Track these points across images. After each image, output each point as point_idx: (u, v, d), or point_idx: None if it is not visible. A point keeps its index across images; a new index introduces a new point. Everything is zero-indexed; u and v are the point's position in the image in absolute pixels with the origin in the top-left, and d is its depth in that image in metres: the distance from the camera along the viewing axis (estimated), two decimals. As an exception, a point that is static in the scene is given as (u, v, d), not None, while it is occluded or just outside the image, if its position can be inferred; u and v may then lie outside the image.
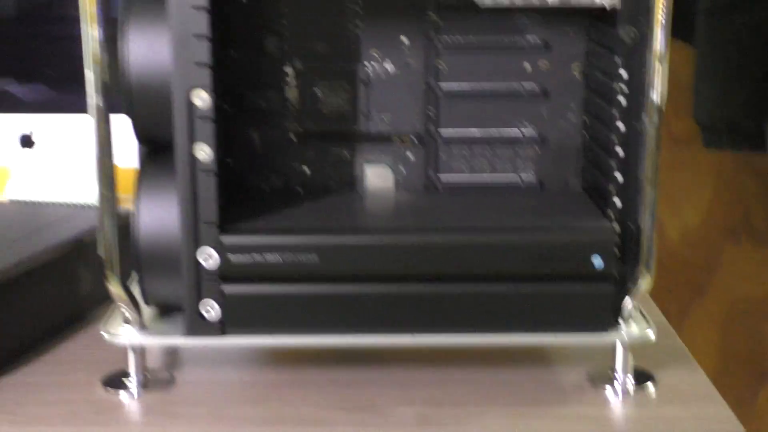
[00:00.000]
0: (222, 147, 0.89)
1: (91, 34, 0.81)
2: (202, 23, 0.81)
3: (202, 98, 0.82)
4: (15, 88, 1.28)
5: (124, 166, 0.93)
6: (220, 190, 0.85)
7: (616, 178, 0.90)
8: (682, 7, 1.30)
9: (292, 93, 0.96)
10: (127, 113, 0.87)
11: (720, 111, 1.31)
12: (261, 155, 0.97)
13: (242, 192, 0.97)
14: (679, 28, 1.30)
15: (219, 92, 0.87)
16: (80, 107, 0.86)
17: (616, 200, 0.90)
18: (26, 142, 1.26)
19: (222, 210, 0.85)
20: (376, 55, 0.96)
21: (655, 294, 1.08)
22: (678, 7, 1.00)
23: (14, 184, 1.25)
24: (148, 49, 0.85)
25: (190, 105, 0.82)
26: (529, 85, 0.97)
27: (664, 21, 0.83)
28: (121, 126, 0.87)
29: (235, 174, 0.97)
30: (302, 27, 0.95)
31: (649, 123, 0.85)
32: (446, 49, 0.96)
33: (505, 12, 0.94)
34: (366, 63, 0.96)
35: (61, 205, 1.14)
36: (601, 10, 0.91)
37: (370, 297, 0.86)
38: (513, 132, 0.98)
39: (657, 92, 0.85)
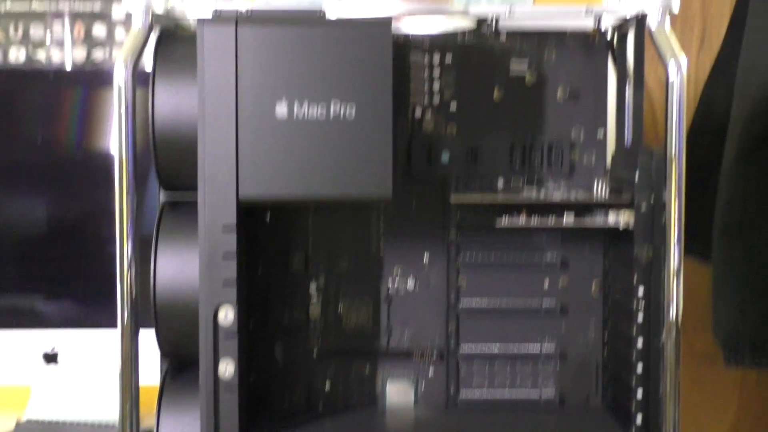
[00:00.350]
0: (245, 363, 0.90)
1: (123, 250, 0.85)
2: (230, 242, 0.84)
3: (227, 315, 0.85)
4: (41, 305, 1.30)
5: (147, 384, 0.94)
6: (242, 407, 0.86)
7: (636, 394, 0.90)
8: (698, 226, 1.33)
9: (315, 310, 0.98)
10: (154, 328, 0.89)
11: (740, 329, 1.31)
12: (283, 371, 0.98)
13: (264, 408, 0.97)
14: (697, 248, 1.32)
15: (244, 309, 0.89)
16: (107, 323, 0.88)
17: (638, 418, 0.90)
18: (50, 358, 1.27)
19: (243, 428, 0.86)
20: (398, 273, 0.99)
21: None
22: (694, 226, 1.04)
23: (35, 402, 1.24)
24: (176, 266, 0.88)
25: (216, 321, 0.85)
26: (549, 302, 0.99)
27: (677, 239, 0.86)
28: (146, 343, 0.89)
29: (257, 389, 0.97)
30: (327, 245, 0.98)
31: (668, 339, 0.86)
32: (466, 267, 0.98)
33: (524, 231, 0.98)
34: (388, 280, 0.98)
35: (81, 425, 1.13)
36: (618, 231, 0.93)
37: None
38: (533, 348, 0.99)
39: (674, 308, 0.86)
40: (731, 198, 1.30)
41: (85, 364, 1.26)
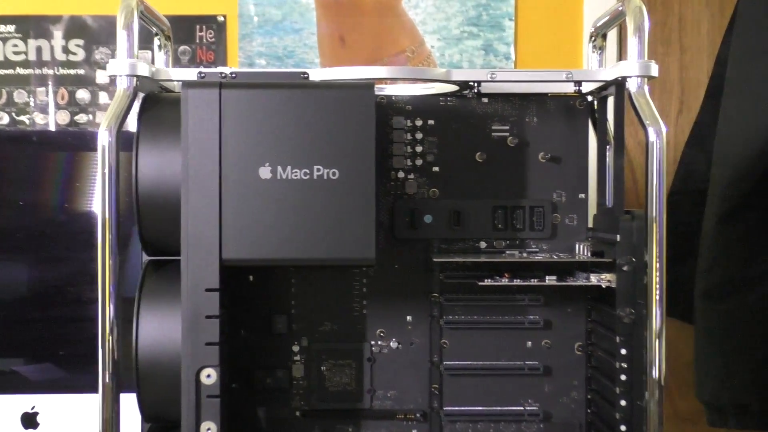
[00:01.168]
0: (228, 425, 0.89)
1: (106, 311, 0.85)
2: (213, 304, 0.85)
3: (210, 377, 0.84)
4: (22, 368, 1.29)
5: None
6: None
7: (621, 457, 0.90)
8: (680, 289, 1.33)
9: (298, 371, 0.98)
10: (136, 391, 0.89)
11: (724, 391, 1.31)
12: (266, 432, 0.98)
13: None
14: (680, 310, 1.33)
15: (227, 370, 0.89)
16: (88, 387, 0.87)
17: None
18: (29, 422, 1.25)
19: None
20: (382, 334, 0.99)
21: None
22: (677, 290, 1.05)
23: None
24: (159, 329, 0.87)
25: (199, 383, 0.84)
26: (532, 363, 0.99)
27: (659, 299, 0.87)
28: (127, 407, 0.89)
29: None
30: (310, 306, 0.98)
31: (651, 399, 0.87)
32: (449, 327, 0.99)
33: (507, 292, 0.98)
34: (372, 341, 0.99)
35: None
36: (600, 291, 0.95)
37: None
38: (516, 409, 0.99)
39: (656, 369, 0.87)
40: (712, 261, 1.30)
41: (66, 429, 1.24)
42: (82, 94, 1.48)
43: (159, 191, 0.88)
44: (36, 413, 1.25)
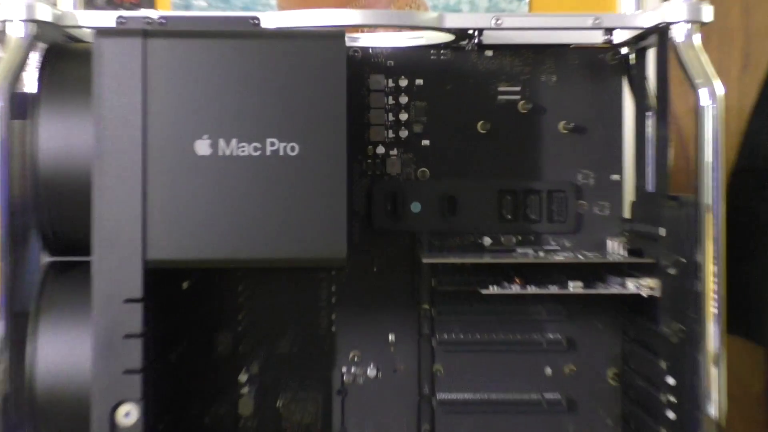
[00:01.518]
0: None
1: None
2: (135, 320, 0.83)
3: (129, 415, 0.83)
4: None
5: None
6: None
7: None
8: (747, 300, 1.33)
9: (246, 407, 0.97)
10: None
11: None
12: (205, 488, 0.97)
13: None
14: (744, 326, 1.32)
15: (153, 406, 0.87)
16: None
17: None
18: None
19: None
20: (356, 359, 0.98)
21: None
22: (742, 300, 1.02)
23: None
24: (62, 353, 0.86)
25: (114, 424, 0.82)
26: (552, 397, 0.98)
27: (717, 313, 0.85)
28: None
29: None
30: (263, 321, 0.97)
31: (707, 447, 0.84)
32: (444, 349, 0.98)
33: (518, 303, 0.98)
34: (343, 368, 0.98)
35: None
36: (639, 301, 0.93)
37: None
38: (529, 452, 0.97)
39: (714, 405, 0.85)
40: None
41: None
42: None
43: (64, 170, 0.86)
44: None
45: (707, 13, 0.89)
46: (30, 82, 0.89)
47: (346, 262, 0.84)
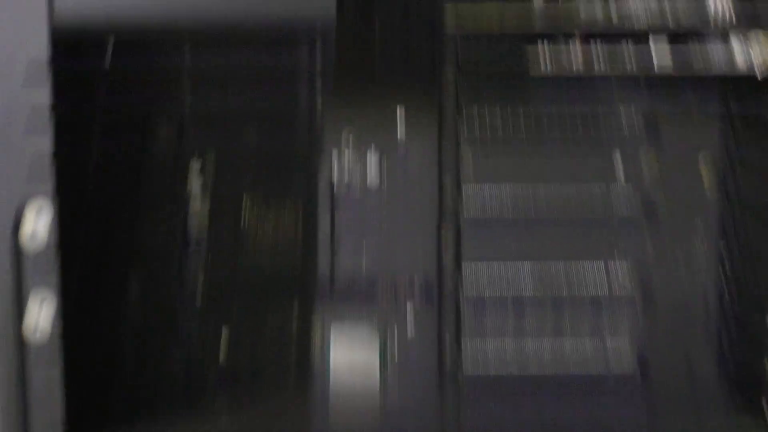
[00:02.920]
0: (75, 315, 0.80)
1: None
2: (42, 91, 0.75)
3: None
4: None
5: None
6: (68, 389, 0.76)
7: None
8: None
9: (198, 221, 0.86)
10: None
11: None
12: (139, 328, 0.89)
13: (112, 391, 0.88)
14: None
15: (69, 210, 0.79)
16: None
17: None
18: None
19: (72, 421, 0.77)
20: (350, 152, 0.86)
21: None
22: None
23: None
24: None
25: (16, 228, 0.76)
26: (622, 200, 0.88)
27: None
28: None
29: (85, 365, 0.85)
30: (218, 107, 0.88)
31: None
32: (473, 139, 0.87)
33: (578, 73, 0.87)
34: (331, 163, 0.88)
35: None
36: (749, 74, 0.84)
37: None
38: (592, 282, 0.87)
39: None
40: None
41: None
42: None
43: None
44: None
45: None
46: None
47: (334, 20, 0.80)
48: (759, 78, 0.83)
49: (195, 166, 0.89)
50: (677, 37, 0.85)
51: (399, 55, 0.91)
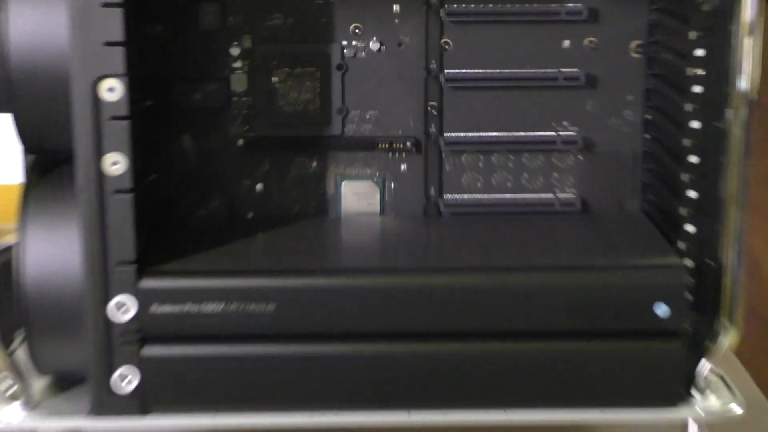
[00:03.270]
0: (143, 158, 0.87)
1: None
2: (113, -15, 0.77)
3: (113, 90, 0.81)
4: None
5: (7, 184, 0.93)
6: (141, 218, 0.83)
7: (689, 196, 0.89)
8: None
9: (239, 83, 0.95)
10: (9, 111, 0.86)
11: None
12: (198, 169, 0.97)
13: (172, 219, 0.96)
14: None
15: (138, 83, 0.85)
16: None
17: (690, 227, 0.89)
18: None
19: (143, 245, 0.85)
20: (357, 31, 0.95)
21: (746, 355, 1.07)
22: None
23: None
24: (35, 24, 0.84)
25: (97, 100, 0.81)
26: (570, 71, 0.96)
27: (754, -24, 0.80)
28: (3, 127, 0.87)
29: (163, 195, 0.96)
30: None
31: (735, 120, 0.84)
32: (453, 20, 0.95)
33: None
34: (343, 41, 0.95)
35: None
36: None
37: (346, 360, 0.85)
38: (546, 135, 0.98)
39: (746, 77, 0.83)
40: None
41: None
42: None
43: None
44: None
45: None
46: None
47: None
48: None
49: (235, 35, 0.95)
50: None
51: None
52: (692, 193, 0.89)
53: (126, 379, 0.85)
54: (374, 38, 0.96)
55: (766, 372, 1.58)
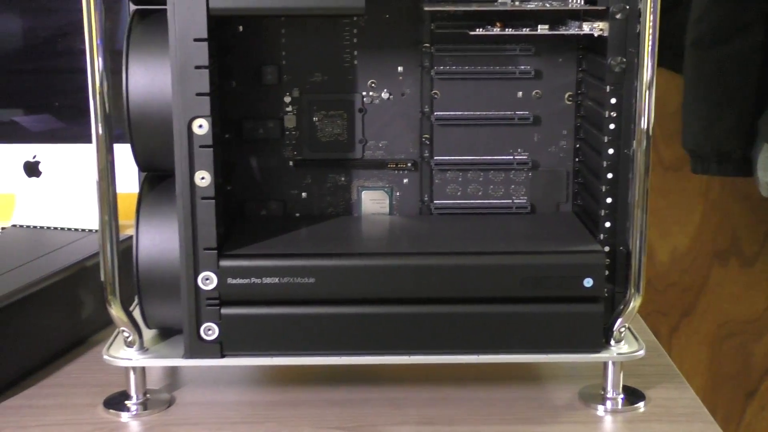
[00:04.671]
0: (222, 174, 0.89)
1: (94, 65, 0.80)
2: (202, 54, 0.80)
3: (202, 126, 0.82)
4: (22, 119, 1.28)
5: (127, 192, 0.93)
6: (220, 216, 0.84)
7: (606, 201, 0.89)
8: (671, 39, 1.32)
9: (290, 121, 0.96)
10: (129, 141, 0.87)
11: (707, 138, 1.32)
12: (260, 182, 0.97)
13: (242, 218, 0.96)
14: (669, 59, 1.32)
15: (219, 121, 0.87)
16: (85, 137, 0.86)
17: (606, 223, 0.89)
18: (32, 170, 1.25)
19: (221, 235, 0.85)
20: (373, 85, 0.96)
21: (646, 314, 1.08)
22: (667, 39, 1.01)
23: (20, 210, 1.24)
24: (148, 79, 0.84)
25: (191, 133, 0.82)
26: (522, 113, 0.96)
27: (651, 50, 0.83)
28: (125, 153, 0.87)
29: (235, 200, 0.96)
30: (300, 57, 0.95)
31: (638, 148, 0.85)
32: (441, 79, 0.96)
33: (498, 43, 0.94)
34: (363, 92, 0.96)
35: (64, 231, 1.14)
36: (591, 40, 0.91)
37: (365, 318, 0.85)
38: (505, 158, 0.97)
39: (645, 119, 0.84)
40: (704, 11, 1.28)
41: (66, 177, 1.24)
42: None
43: None
44: (38, 162, 1.25)
45: None
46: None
47: (363, 10, 0.81)
48: (596, 35, 0.87)
49: (287, 88, 0.94)
50: (553, 19, 0.90)
51: (398, 33, 0.93)
52: (609, 200, 0.89)
53: (209, 331, 0.86)
54: (385, 90, 0.96)
55: (659, 324, 1.59)
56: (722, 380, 1.64)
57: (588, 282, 0.85)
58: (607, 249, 0.89)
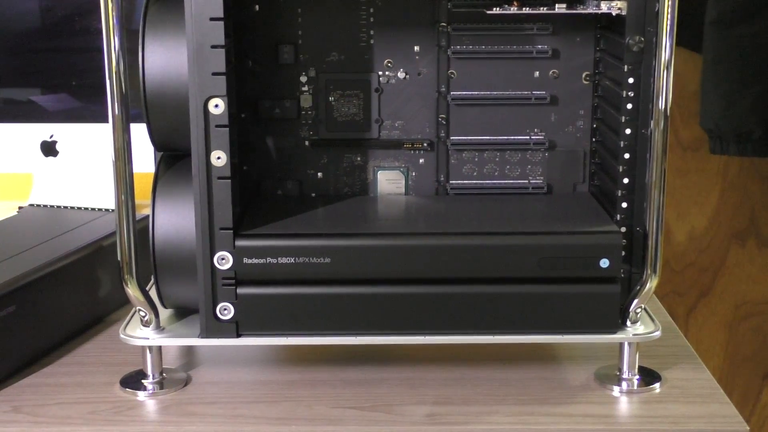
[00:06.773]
0: (238, 154, 0.89)
1: (111, 45, 0.80)
2: (218, 34, 0.80)
3: (218, 106, 0.82)
4: (39, 98, 1.29)
5: (144, 172, 0.93)
6: (236, 196, 0.84)
7: (623, 182, 0.89)
8: (690, 18, 1.31)
9: (306, 101, 0.96)
10: (145, 121, 0.87)
11: (726, 118, 1.30)
12: (276, 162, 0.97)
13: (258, 197, 0.96)
14: (688, 38, 1.31)
15: (235, 101, 0.87)
16: (102, 116, 0.84)
17: (624, 204, 0.89)
18: (49, 150, 1.26)
19: (237, 215, 0.85)
20: (389, 65, 0.96)
21: (662, 295, 1.08)
22: (686, 18, 0.99)
23: (37, 189, 1.25)
24: (165, 59, 0.84)
25: (207, 113, 0.82)
26: (539, 93, 0.96)
27: (670, 29, 0.82)
28: (142, 133, 0.87)
29: (251, 180, 0.96)
30: (317, 37, 0.95)
31: (656, 128, 0.84)
32: (457, 58, 0.95)
33: (515, 22, 0.94)
34: (379, 72, 0.95)
35: (81, 210, 1.14)
36: (609, 19, 0.91)
37: (381, 298, 0.85)
38: (522, 138, 0.97)
39: (663, 99, 0.83)
40: None
41: (83, 156, 1.24)
42: None
43: None
44: (55, 142, 1.25)
45: None
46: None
47: None
48: (614, 14, 0.86)
49: (303, 68, 0.94)
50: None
51: (414, 12, 0.93)
52: (626, 180, 0.89)
53: (225, 311, 0.86)
54: (401, 69, 0.96)
55: (675, 305, 1.58)
56: (739, 361, 1.64)
57: (604, 262, 0.84)
58: (623, 230, 0.88)
